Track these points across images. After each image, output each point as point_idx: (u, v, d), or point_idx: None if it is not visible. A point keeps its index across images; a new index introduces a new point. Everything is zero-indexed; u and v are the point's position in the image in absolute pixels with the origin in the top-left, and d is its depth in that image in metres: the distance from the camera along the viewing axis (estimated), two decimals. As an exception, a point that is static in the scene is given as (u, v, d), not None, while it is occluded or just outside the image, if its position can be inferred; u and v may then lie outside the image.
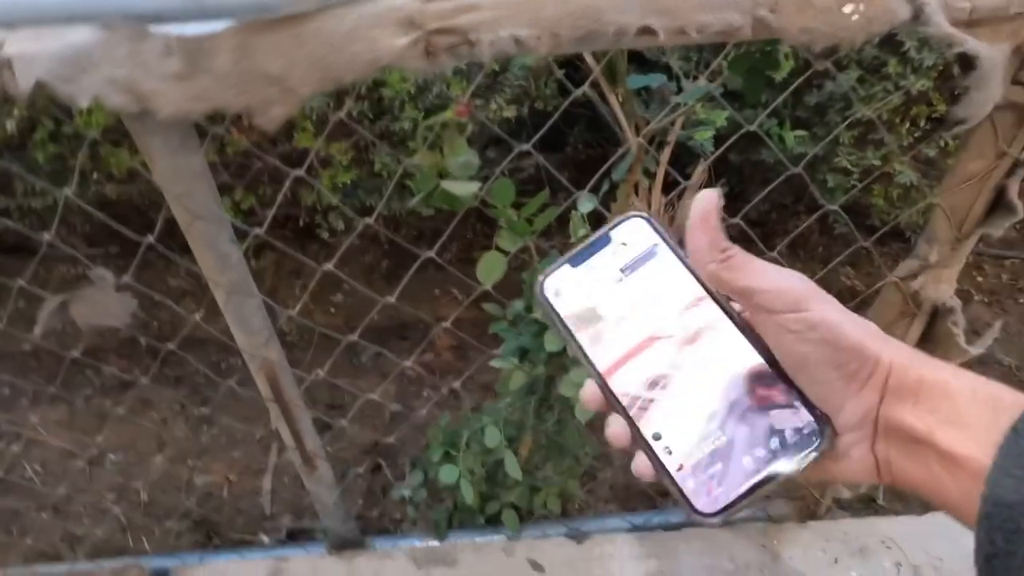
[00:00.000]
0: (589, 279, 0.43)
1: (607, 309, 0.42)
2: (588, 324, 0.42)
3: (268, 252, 2.52)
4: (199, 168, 0.84)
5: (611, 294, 0.42)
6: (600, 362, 0.41)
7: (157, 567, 1.46)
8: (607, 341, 0.41)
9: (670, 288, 0.42)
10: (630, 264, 0.43)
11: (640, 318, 0.42)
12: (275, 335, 1.07)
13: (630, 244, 0.43)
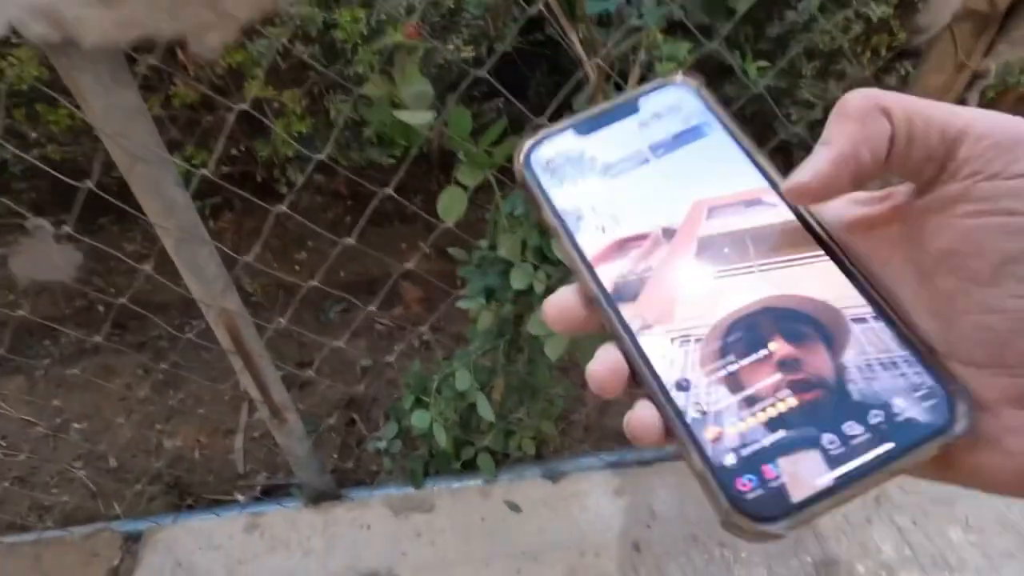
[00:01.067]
0: (602, 152, 0.30)
1: (624, 197, 0.29)
2: (593, 215, 0.29)
3: (227, 213, 2.44)
4: (134, 105, 0.79)
5: (633, 177, 0.29)
6: (605, 274, 0.27)
7: (130, 530, 1.44)
8: (619, 244, 0.28)
9: (724, 180, 0.29)
10: (664, 142, 0.30)
11: (675, 215, 0.28)
12: (232, 284, 1.03)
13: (666, 117, 0.30)
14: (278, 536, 1.40)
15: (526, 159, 0.30)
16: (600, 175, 0.29)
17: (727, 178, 0.29)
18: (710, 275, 0.27)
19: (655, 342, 0.26)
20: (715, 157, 0.29)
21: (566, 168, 0.30)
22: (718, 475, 0.24)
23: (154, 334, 2.07)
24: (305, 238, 2.46)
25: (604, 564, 1.34)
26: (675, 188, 0.29)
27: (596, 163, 0.30)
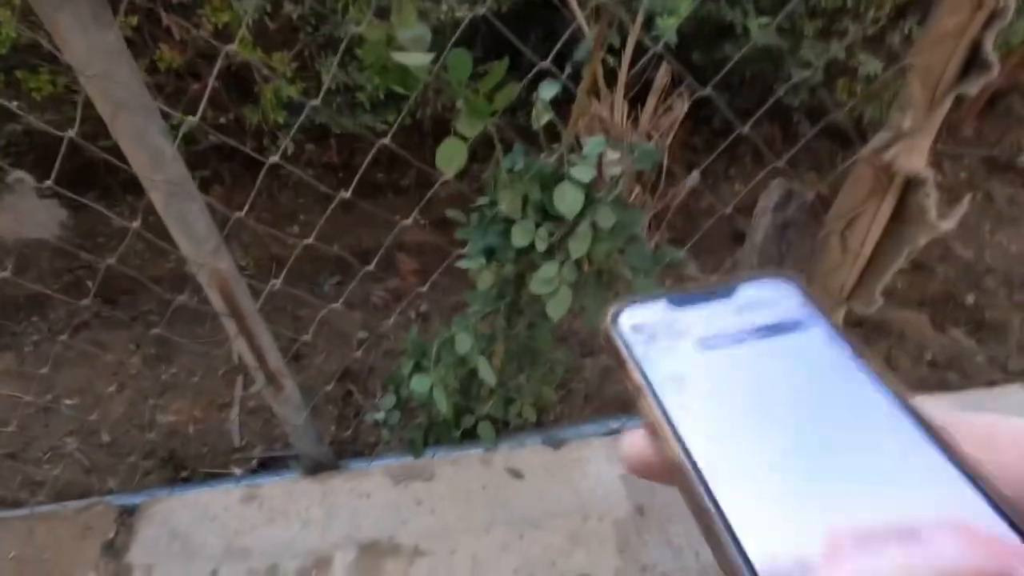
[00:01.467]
0: (696, 326, 0.28)
1: (718, 371, 0.27)
2: (683, 383, 0.27)
3: (216, 187, 2.40)
4: (115, 46, 0.75)
5: (729, 353, 0.27)
6: (694, 445, 0.25)
7: (124, 504, 1.42)
8: (718, 429, 0.25)
9: (831, 376, 0.26)
10: (764, 327, 0.28)
11: (779, 406, 0.25)
12: (223, 244, 1.00)
13: (767, 305, 0.29)
14: (276, 507, 1.38)
15: (614, 318, 0.29)
16: (690, 346, 0.28)
17: (836, 374, 0.26)
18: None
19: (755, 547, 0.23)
20: (819, 352, 0.27)
21: (656, 333, 0.29)
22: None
23: (145, 308, 2.03)
24: (297, 212, 2.41)
25: (607, 529, 1.32)
26: (775, 370, 0.27)
27: (690, 333, 0.28)
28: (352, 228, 2.30)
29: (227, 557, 1.30)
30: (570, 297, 1.08)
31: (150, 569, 1.29)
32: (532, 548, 1.30)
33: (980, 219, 2.27)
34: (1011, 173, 2.42)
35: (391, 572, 1.27)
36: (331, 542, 1.32)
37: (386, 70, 0.84)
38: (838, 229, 1.19)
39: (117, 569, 1.29)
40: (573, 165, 0.98)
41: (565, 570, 1.27)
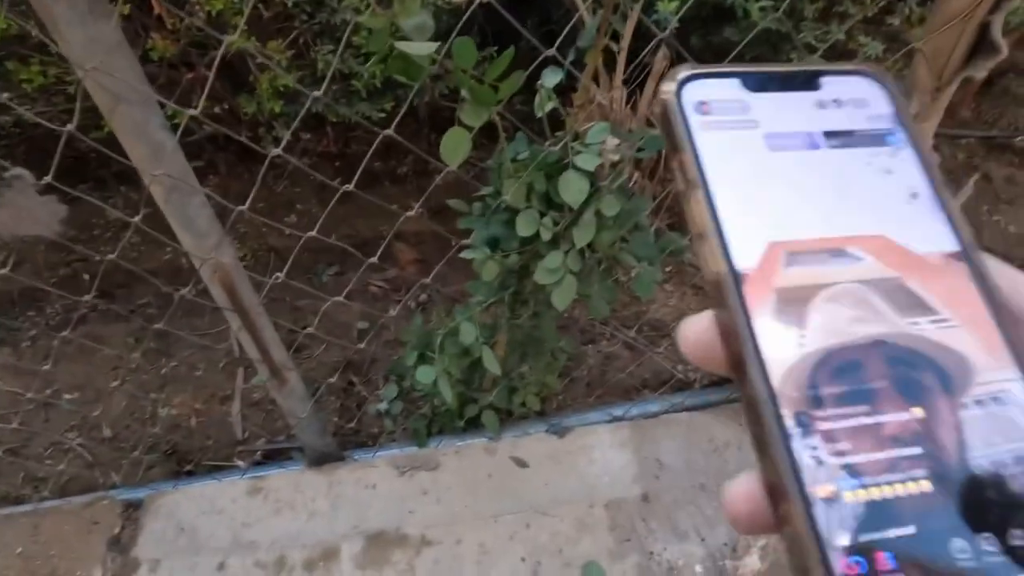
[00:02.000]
0: (768, 117, 0.24)
1: (784, 177, 0.24)
2: (742, 183, 0.23)
3: (212, 177, 2.37)
4: (114, 38, 0.74)
5: (798, 160, 0.24)
6: (738, 247, 0.23)
7: (129, 498, 1.41)
8: (769, 227, 0.23)
9: (903, 205, 0.24)
10: (842, 135, 0.24)
11: (837, 220, 0.23)
12: (226, 237, 0.99)
13: (849, 107, 0.25)
14: (282, 498, 1.38)
15: (678, 89, 0.25)
16: (761, 142, 0.24)
17: (908, 205, 0.24)
18: (867, 308, 0.22)
19: (782, 355, 0.21)
20: (898, 175, 0.24)
21: (723, 118, 0.25)
22: (821, 544, 0.19)
23: (142, 302, 2.02)
24: (294, 202, 2.40)
25: (613, 515, 1.33)
26: (844, 191, 0.24)
27: (759, 126, 0.25)
28: (349, 218, 2.28)
29: (234, 549, 1.30)
30: (575, 286, 1.07)
31: (157, 563, 1.29)
32: (539, 536, 1.31)
33: (978, 200, 2.27)
34: (1008, 153, 2.42)
35: (398, 562, 1.27)
36: (338, 533, 1.32)
37: (388, 59, 0.83)
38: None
39: (124, 563, 1.29)
40: (577, 153, 0.98)
41: (572, 557, 1.28)
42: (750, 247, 0.22)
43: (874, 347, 0.21)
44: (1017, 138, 2.44)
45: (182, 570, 1.27)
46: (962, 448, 0.21)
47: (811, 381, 0.21)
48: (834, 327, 0.22)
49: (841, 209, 0.23)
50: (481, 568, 1.27)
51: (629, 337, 1.82)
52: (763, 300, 0.22)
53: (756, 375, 0.21)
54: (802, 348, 0.21)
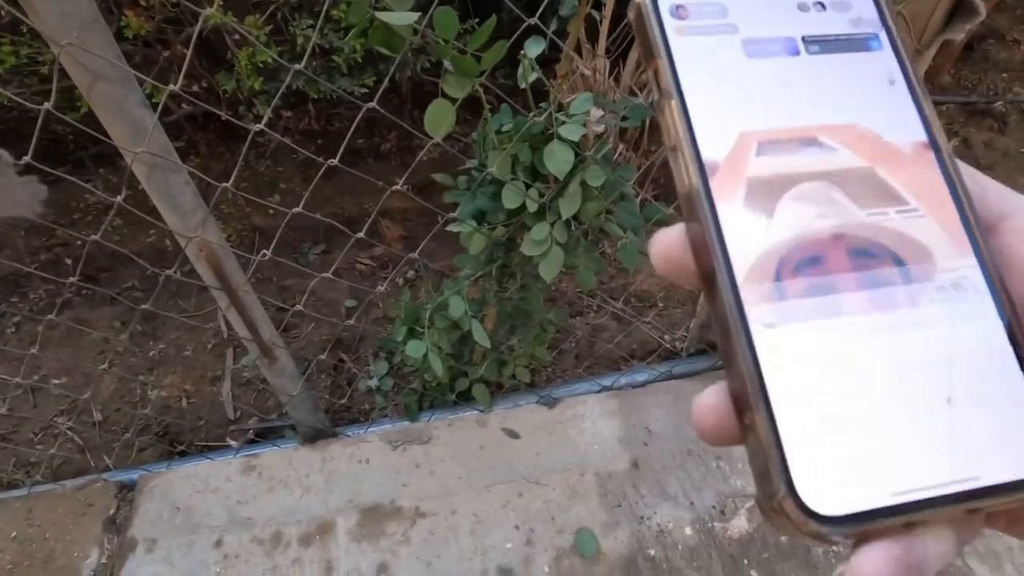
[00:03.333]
0: (747, 21, 0.24)
1: (760, 85, 0.23)
2: (717, 92, 0.23)
3: (193, 158, 2.34)
4: (89, 13, 0.72)
5: (776, 67, 0.24)
6: (710, 159, 0.22)
7: (123, 480, 1.42)
8: (740, 139, 0.23)
9: (882, 112, 0.23)
10: (823, 39, 0.24)
11: (812, 135, 0.23)
12: (211, 215, 0.98)
13: (831, 10, 0.25)
14: (276, 475, 1.39)
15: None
16: (739, 48, 0.24)
17: (887, 112, 0.23)
18: (835, 211, 0.22)
19: (747, 255, 0.21)
20: (878, 82, 0.24)
21: (700, 22, 0.24)
22: (782, 447, 0.19)
23: (127, 284, 2.00)
24: (277, 181, 2.37)
25: (604, 482, 1.36)
26: (823, 99, 0.23)
27: (737, 32, 0.24)
28: (334, 196, 2.27)
29: (230, 527, 1.32)
30: (562, 258, 1.08)
31: (154, 542, 1.30)
32: (532, 504, 1.33)
33: (958, 166, 2.29)
34: (988, 118, 2.44)
35: (394, 534, 1.29)
36: (333, 507, 1.34)
37: (369, 31, 0.82)
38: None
39: (121, 543, 1.30)
40: (561, 124, 0.98)
41: (564, 523, 1.30)
42: (723, 151, 0.23)
43: (838, 241, 0.22)
44: (996, 103, 2.46)
45: (179, 548, 1.29)
46: (922, 337, 0.21)
47: (776, 282, 0.21)
48: (800, 223, 0.22)
49: (815, 103, 0.24)
50: (475, 537, 1.29)
51: (616, 308, 1.83)
52: (732, 199, 0.22)
53: (724, 282, 0.21)
54: (767, 247, 0.22)
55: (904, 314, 0.21)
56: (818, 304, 0.21)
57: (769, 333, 0.21)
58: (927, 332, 0.21)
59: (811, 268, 0.21)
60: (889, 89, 0.24)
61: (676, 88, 0.23)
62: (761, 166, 0.22)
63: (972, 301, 0.22)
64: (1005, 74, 2.60)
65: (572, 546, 1.27)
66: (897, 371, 0.21)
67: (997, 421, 0.20)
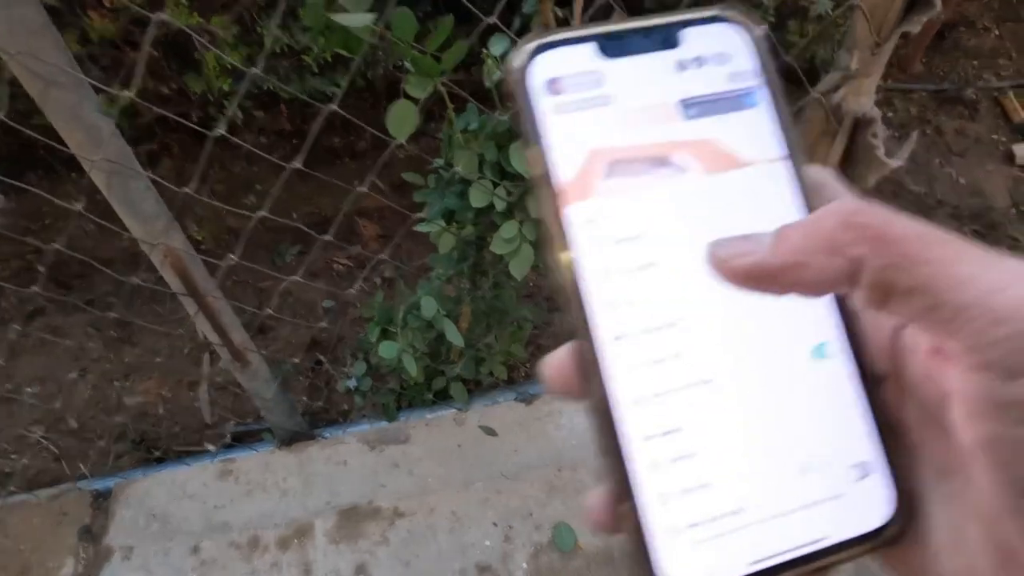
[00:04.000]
0: (624, 90, 0.22)
1: (637, 165, 0.22)
2: (593, 171, 0.22)
3: (166, 160, 2.32)
4: (37, 20, 0.71)
5: (652, 136, 0.22)
6: (587, 255, 0.21)
7: (98, 488, 1.41)
8: (613, 220, 0.22)
9: (754, 191, 0.23)
10: (701, 101, 0.23)
11: (684, 211, 0.22)
12: (175, 221, 0.97)
13: (710, 67, 0.23)
14: (254, 480, 1.39)
15: (525, 68, 0.22)
16: (617, 122, 0.22)
17: (759, 183, 0.23)
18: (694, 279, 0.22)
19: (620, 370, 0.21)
20: (754, 142, 0.23)
21: (576, 96, 0.22)
22: (648, 541, 0.21)
23: (101, 291, 1.98)
24: (252, 182, 2.35)
25: (582, 477, 1.36)
26: (695, 177, 0.22)
27: (615, 101, 0.22)
28: (311, 196, 2.25)
29: (207, 532, 1.31)
30: (532, 255, 1.08)
31: (131, 550, 1.29)
32: (510, 500, 1.33)
33: (930, 153, 2.32)
34: (959, 106, 2.47)
35: (372, 534, 1.29)
36: (311, 510, 1.34)
37: (328, 32, 0.81)
38: (792, 172, 1.20)
39: (96, 552, 1.29)
40: (527, 122, 0.97)
41: (542, 519, 1.31)
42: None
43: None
44: (967, 91, 2.49)
45: (156, 555, 1.28)
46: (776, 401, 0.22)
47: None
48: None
49: (692, 189, 0.23)
50: (454, 535, 1.29)
51: (594, 303, 1.84)
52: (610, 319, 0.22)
53: (599, 404, 0.21)
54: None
55: (765, 385, 0.22)
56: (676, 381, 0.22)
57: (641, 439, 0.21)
58: (783, 397, 0.22)
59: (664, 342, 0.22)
60: (771, 166, 0.23)
61: (549, 177, 0.22)
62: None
63: (828, 363, 0.22)
64: (976, 61, 2.62)
65: (550, 541, 1.28)
66: (753, 447, 0.22)
67: (840, 481, 0.22)
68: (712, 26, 0.24)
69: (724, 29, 0.24)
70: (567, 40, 0.22)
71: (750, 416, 0.22)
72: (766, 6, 1.76)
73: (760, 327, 0.22)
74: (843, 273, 0.18)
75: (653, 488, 0.21)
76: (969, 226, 2.09)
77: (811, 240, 0.18)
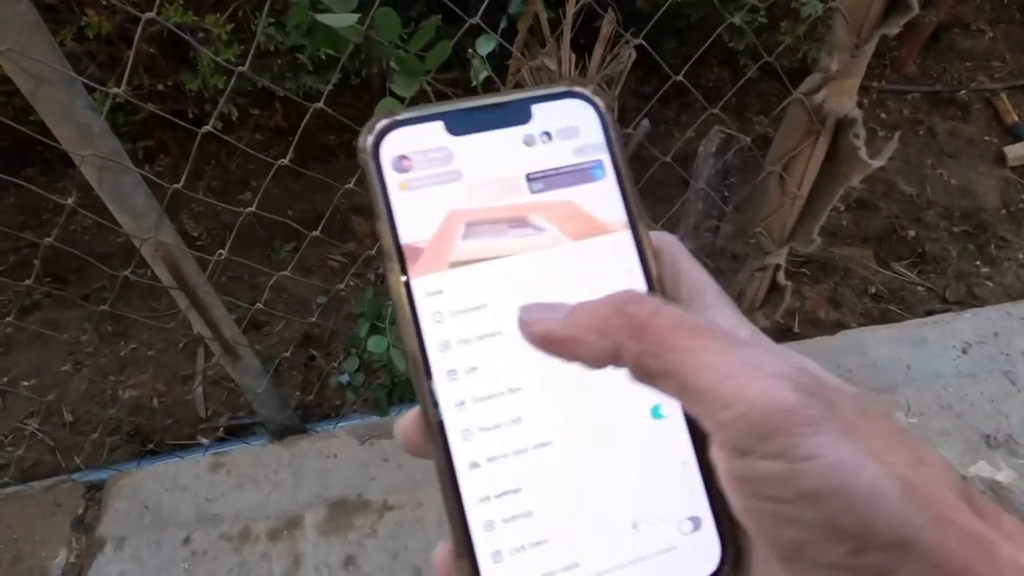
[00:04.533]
0: (470, 167, 0.23)
1: (479, 236, 0.23)
2: (437, 251, 0.23)
3: (163, 156, 2.33)
4: (28, 18, 0.73)
5: (497, 205, 0.23)
6: (428, 329, 0.23)
7: (92, 480, 1.43)
8: (458, 302, 0.23)
9: (596, 258, 0.24)
10: (545, 175, 0.24)
11: (528, 279, 0.23)
12: (165, 217, 0.99)
13: (557, 141, 0.24)
14: (245, 472, 1.40)
15: (374, 146, 0.23)
16: (465, 196, 0.23)
17: (601, 257, 0.24)
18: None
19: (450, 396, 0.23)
20: (598, 212, 0.24)
21: (423, 173, 0.23)
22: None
23: (97, 285, 2.00)
24: (248, 178, 2.37)
25: (569, 472, 1.38)
26: (538, 247, 0.23)
27: (462, 177, 0.23)
28: (307, 193, 2.27)
29: (199, 524, 1.33)
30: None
31: (123, 540, 1.31)
32: (497, 495, 1.35)
33: (922, 154, 2.33)
34: (952, 107, 2.48)
35: (361, 527, 1.31)
36: (301, 503, 1.35)
37: (315, 31, 0.83)
38: (776, 171, 1.22)
39: (89, 543, 1.31)
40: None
41: (529, 513, 1.32)
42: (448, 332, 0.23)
43: None
44: (960, 92, 2.50)
45: (148, 546, 1.30)
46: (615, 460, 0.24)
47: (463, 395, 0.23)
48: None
49: (532, 264, 0.24)
50: (442, 528, 1.31)
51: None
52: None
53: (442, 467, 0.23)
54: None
55: (604, 438, 0.23)
56: (515, 437, 0.23)
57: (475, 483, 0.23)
58: (619, 456, 0.23)
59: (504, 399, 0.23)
60: (606, 223, 0.24)
61: (397, 252, 0.23)
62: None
63: (663, 423, 0.24)
64: (969, 63, 2.64)
65: (537, 535, 1.29)
66: (589, 504, 0.23)
67: (672, 535, 0.23)
68: (561, 102, 0.24)
69: (573, 104, 0.24)
70: (415, 119, 0.23)
71: (586, 475, 0.23)
72: (757, 6, 1.77)
73: (599, 390, 0.23)
74: (609, 353, 0.20)
75: (488, 546, 0.22)
76: (959, 227, 2.11)
77: (589, 320, 0.21)
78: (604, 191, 0.24)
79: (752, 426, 0.18)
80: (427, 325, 0.23)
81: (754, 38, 1.64)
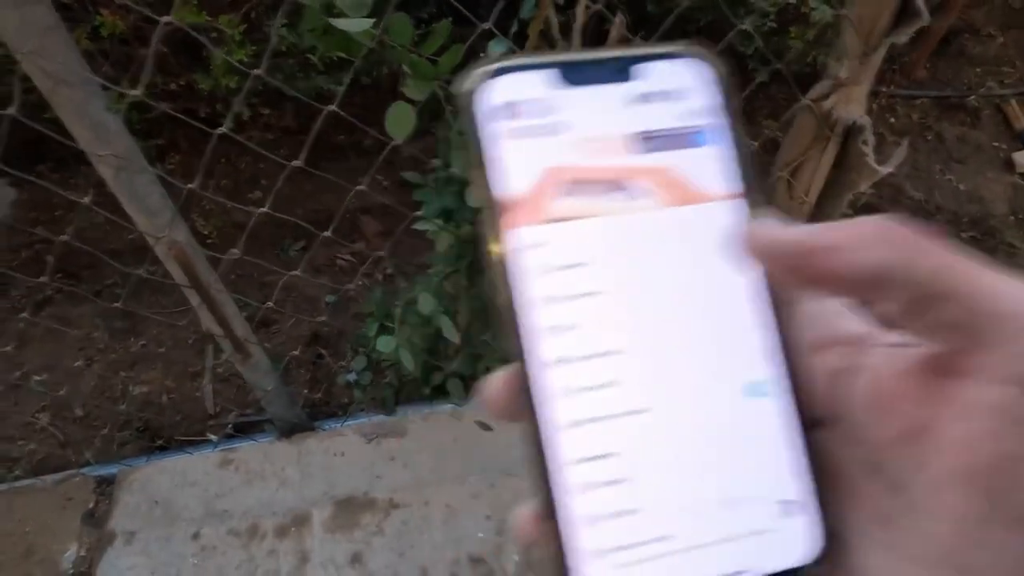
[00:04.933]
0: (578, 120, 0.22)
1: (580, 193, 0.22)
2: (539, 205, 0.22)
3: (175, 155, 2.35)
4: (48, 20, 0.74)
5: (601, 161, 0.22)
6: (524, 283, 0.22)
7: (103, 474, 1.44)
8: (555, 248, 0.22)
9: (700, 227, 0.23)
10: (653, 134, 0.23)
11: (633, 239, 0.22)
12: (179, 215, 1.00)
13: (669, 98, 0.23)
14: (253, 469, 1.42)
15: (479, 88, 0.22)
16: (568, 150, 0.22)
17: (708, 216, 0.23)
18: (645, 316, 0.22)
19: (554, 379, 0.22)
20: (708, 179, 0.23)
21: (529, 122, 0.22)
22: (569, 559, 0.21)
23: (109, 282, 2.02)
24: (258, 177, 2.39)
25: (574, 473, 1.39)
26: (643, 209, 0.22)
27: (569, 130, 0.22)
28: (316, 192, 2.28)
29: (208, 519, 1.34)
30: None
31: (132, 535, 1.33)
32: (503, 494, 1.36)
33: (930, 160, 2.33)
34: (961, 113, 2.47)
35: (368, 524, 1.32)
36: (308, 500, 1.37)
37: (328, 34, 0.84)
38: (785, 177, 1.22)
39: (100, 537, 1.33)
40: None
41: (534, 514, 1.33)
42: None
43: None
44: (970, 97, 2.49)
45: (157, 541, 1.31)
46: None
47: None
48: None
49: (642, 226, 0.23)
50: (448, 527, 1.32)
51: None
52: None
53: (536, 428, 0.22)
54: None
55: (700, 411, 0.22)
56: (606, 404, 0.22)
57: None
58: (716, 430, 0.22)
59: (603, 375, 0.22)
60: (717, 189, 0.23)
61: (494, 201, 0.22)
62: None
63: (764, 401, 0.23)
64: (979, 68, 2.63)
65: (541, 535, 1.30)
66: (682, 477, 0.22)
67: (765, 517, 0.22)
68: (676, 61, 0.23)
69: (688, 65, 0.23)
70: (523, 66, 0.22)
71: (682, 447, 0.22)
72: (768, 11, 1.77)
73: (699, 361, 0.22)
74: (871, 272, 0.18)
75: (580, 510, 0.21)
76: (967, 232, 2.10)
77: (851, 233, 0.19)
78: (716, 156, 0.23)
79: None
80: (525, 278, 0.22)
81: (763, 43, 1.65)
